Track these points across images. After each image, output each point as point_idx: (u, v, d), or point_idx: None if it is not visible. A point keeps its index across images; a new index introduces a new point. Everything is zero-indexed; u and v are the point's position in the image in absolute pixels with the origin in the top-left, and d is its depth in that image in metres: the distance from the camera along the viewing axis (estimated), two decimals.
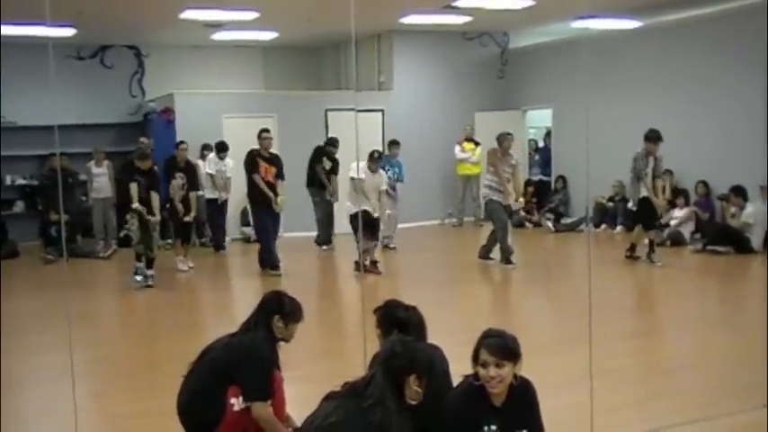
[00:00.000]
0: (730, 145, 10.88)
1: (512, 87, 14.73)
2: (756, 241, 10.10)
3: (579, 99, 12.32)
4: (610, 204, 12.60)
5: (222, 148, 11.62)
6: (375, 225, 9.56)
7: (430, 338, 3.74)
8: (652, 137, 9.39)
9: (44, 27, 7.93)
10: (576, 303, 5.69)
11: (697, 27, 11.48)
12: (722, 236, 10.30)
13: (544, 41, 14.12)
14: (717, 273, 9.49)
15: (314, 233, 11.77)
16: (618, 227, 12.32)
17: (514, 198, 9.79)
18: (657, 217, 9.74)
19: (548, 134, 14.93)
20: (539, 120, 15.37)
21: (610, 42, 12.38)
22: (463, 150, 13.72)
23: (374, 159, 9.62)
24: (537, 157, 15.10)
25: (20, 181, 13.28)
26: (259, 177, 9.42)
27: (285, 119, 12.88)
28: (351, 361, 5.06)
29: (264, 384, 3.77)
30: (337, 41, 14.51)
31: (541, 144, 15.32)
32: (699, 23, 11.45)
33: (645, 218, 9.60)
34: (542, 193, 14.16)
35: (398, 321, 3.64)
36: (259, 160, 9.50)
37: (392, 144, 11.79)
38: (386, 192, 9.94)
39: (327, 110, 13.28)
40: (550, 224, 13.12)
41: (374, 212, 9.43)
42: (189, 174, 10.12)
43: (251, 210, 10.26)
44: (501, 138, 9.75)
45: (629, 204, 10.37)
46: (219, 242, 11.76)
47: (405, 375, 2.99)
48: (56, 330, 6.08)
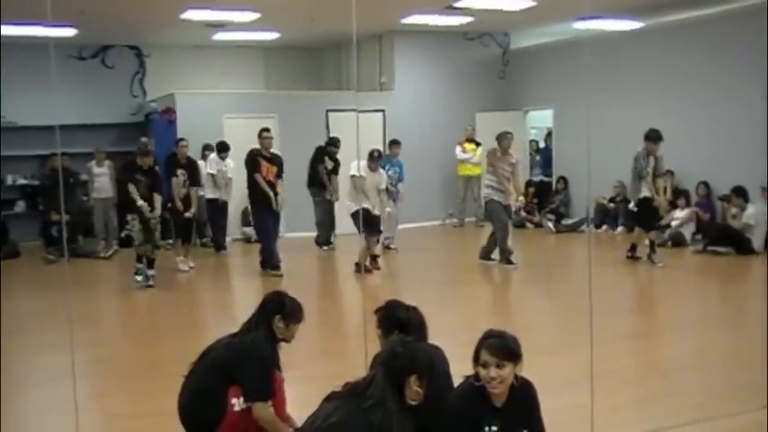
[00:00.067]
0: (731, 146, 10.89)
1: (513, 88, 14.73)
2: (757, 242, 10.11)
3: (580, 100, 12.30)
4: (611, 205, 12.60)
5: (223, 149, 11.62)
6: (375, 222, 9.58)
7: (431, 339, 3.74)
8: (652, 136, 9.39)
9: (45, 27, 7.94)
10: (577, 304, 5.70)
11: (698, 28, 11.48)
12: (723, 236, 10.31)
13: (545, 42, 14.11)
14: (717, 273, 9.49)
15: (315, 233, 11.77)
16: (619, 227, 12.32)
17: (515, 197, 9.80)
18: (658, 217, 9.73)
19: (549, 135, 14.92)
20: (540, 120, 15.37)
21: (611, 43, 12.37)
22: (464, 151, 13.72)
23: (374, 158, 9.65)
24: (538, 158, 15.11)
25: (21, 181, 13.27)
26: (260, 177, 9.43)
27: (286, 119, 12.89)
28: (351, 361, 5.07)
29: (265, 385, 3.77)
30: (338, 42, 14.51)
31: (542, 145, 15.31)
32: (700, 24, 11.44)
33: (645, 218, 9.60)
34: (543, 194, 14.16)
35: (399, 322, 3.64)
36: (260, 159, 9.49)
37: (393, 143, 11.76)
38: (386, 190, 9.96)
39: (328, 110, 13.27)
40: (551, 225, 13.11)
41: (374, 210, 9.47)
42: (190, 170, 10.12)
43: (251, 210, 10.26)
44: (500, 137, 9.76)
45: (630, 205, 10.37)
46: (220, 242, 11.76)
47: (405, 376, 2.99)
48: (57, 330, 6.09)
